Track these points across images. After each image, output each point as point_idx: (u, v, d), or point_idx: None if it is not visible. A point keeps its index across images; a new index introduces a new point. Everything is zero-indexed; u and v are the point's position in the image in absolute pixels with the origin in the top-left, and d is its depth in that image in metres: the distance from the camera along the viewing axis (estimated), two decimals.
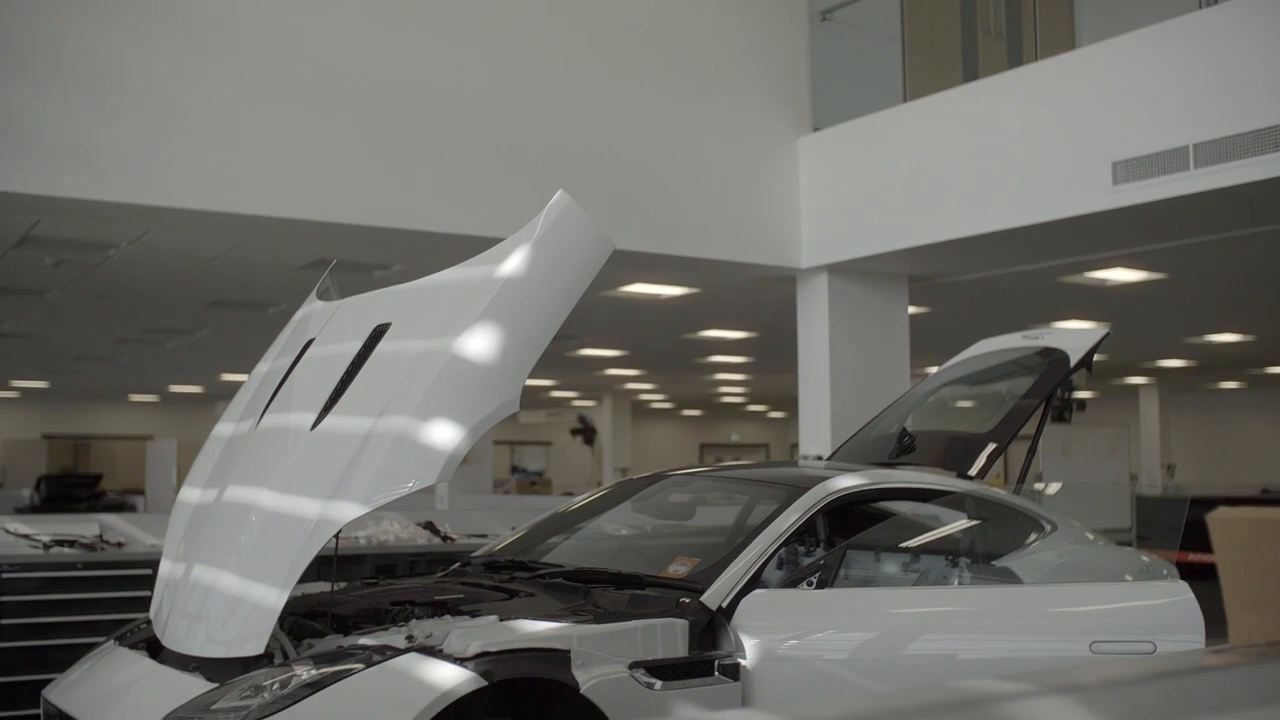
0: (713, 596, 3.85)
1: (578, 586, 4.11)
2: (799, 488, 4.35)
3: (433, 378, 3.68)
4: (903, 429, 5.43)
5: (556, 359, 16.41)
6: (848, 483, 4.43)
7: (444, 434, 3.60)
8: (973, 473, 5.00)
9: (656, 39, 7.89)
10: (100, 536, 6.80)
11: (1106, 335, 5.34)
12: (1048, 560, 4.51)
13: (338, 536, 3.71)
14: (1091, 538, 4.68)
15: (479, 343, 3.70)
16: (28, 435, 26.44)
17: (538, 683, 3.47)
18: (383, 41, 6.89)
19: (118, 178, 6.12)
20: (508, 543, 4.97)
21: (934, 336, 11.76)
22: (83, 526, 6.96)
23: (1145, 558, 4.45)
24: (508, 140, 7.16)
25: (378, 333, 4.03)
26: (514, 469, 29.46)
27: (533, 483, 24.84)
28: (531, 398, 24.06)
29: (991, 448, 5.05)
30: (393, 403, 3.72)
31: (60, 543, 6.48)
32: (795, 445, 11.58)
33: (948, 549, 4.49)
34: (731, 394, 25.21)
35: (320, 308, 4.53)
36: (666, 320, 12.48)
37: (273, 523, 3.77)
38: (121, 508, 17.51)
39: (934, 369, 6.05)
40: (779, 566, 4.27)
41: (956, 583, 4.32)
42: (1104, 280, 9.69)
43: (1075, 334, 5.47)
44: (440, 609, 3.94)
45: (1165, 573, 4.26)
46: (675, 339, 14.33)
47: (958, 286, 9.41)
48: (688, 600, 3.83)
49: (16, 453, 25.93)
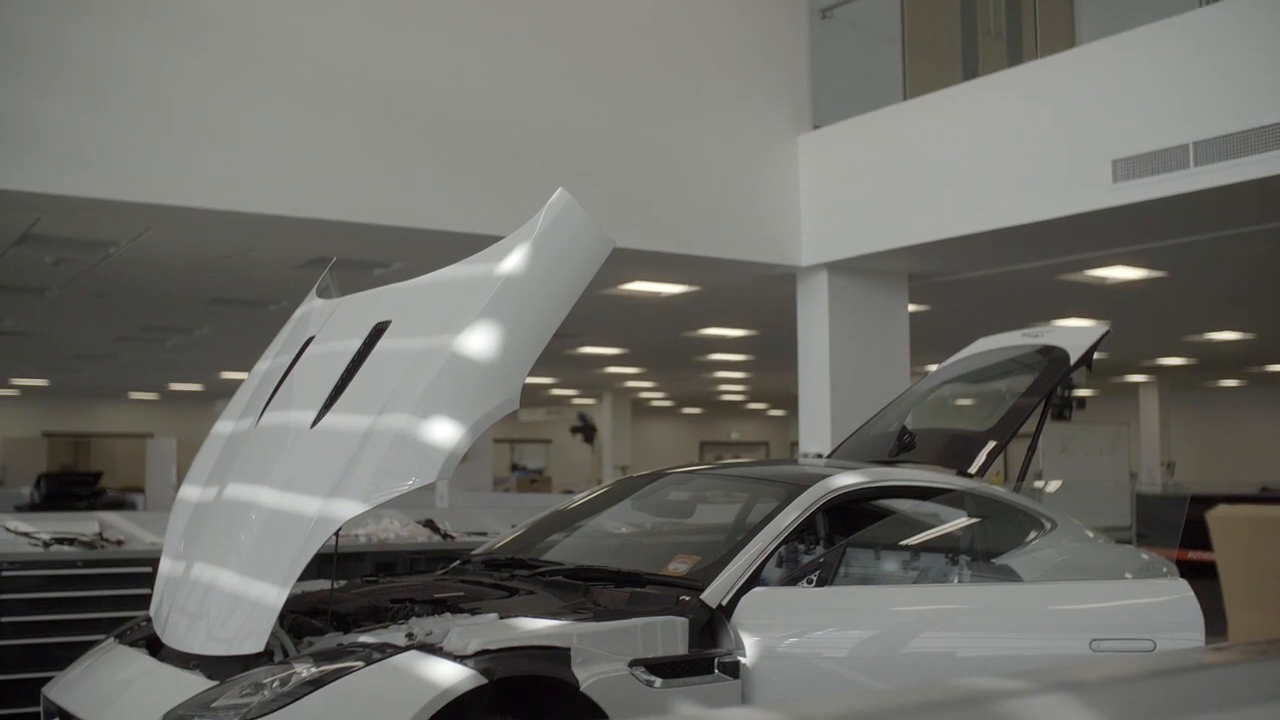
0: (713, 594, 3.85)
1: (578, 584, 4.12)
2: (799, 486, 4.35)
3: (433, 375, 3.68)
4: (903, 427, 5.43)
5: (556, 357, 16.41)
6: (847, 481, 4.43)
7: (444, 432, 3.59)
8: (973, 471, 5.00)
9: (656, 37, 7.88)
10: (100, 534, 6.80)
11: (1106, 333, 5.34)
12: (1047, 558, 4.51)
13: (338, 534, 3.71)
14: (1091, 535, 4.68)
15: (479, 341, 3.70)
16: (28, 433, 26.42)
17: (538, 680, 3.47)
18: (383, 41, 6.88)
19: (118, 176, 6.12)
20: (508, 541, 4.98)
21: (934, 334, 11.75)
22: (83, 524, 6.97)
23: (1145, 555, 4.44)
24: (508, 139, 7.15)
25: (378, 330, 4.03)
26: (514, 467, 29.43)
27: (533, 481, 24.81)
28: (531, 396, 24.05)
29: (991, 446, 5.06)
30: (393, 400, 3.72)
31: (60, 541, 6.48)
32: (795, 443, 11.57)
33: (947, 547, 4.49)
34: (731, 392, 25.20)
35: (320, 305, 4.52)
36: (666, 318, 12.48)
37: (273, 520, 3.77)
38: (121, 506, 17.47)
39: (934, 367, 6.05)
40: (779, 564, 4.27)
41: (956, 580, 4.32)
42: (1104, 278, 9.69)
43: (1075, 332, 5.46)
44: (440, 607, 3.94)
45: (1165, 570, 4.26)
46: (675, 337, 14.33)
47: (958, 284, 9.41)
48: (688, 598, 3.83)
49: (16, 451, 25.90)
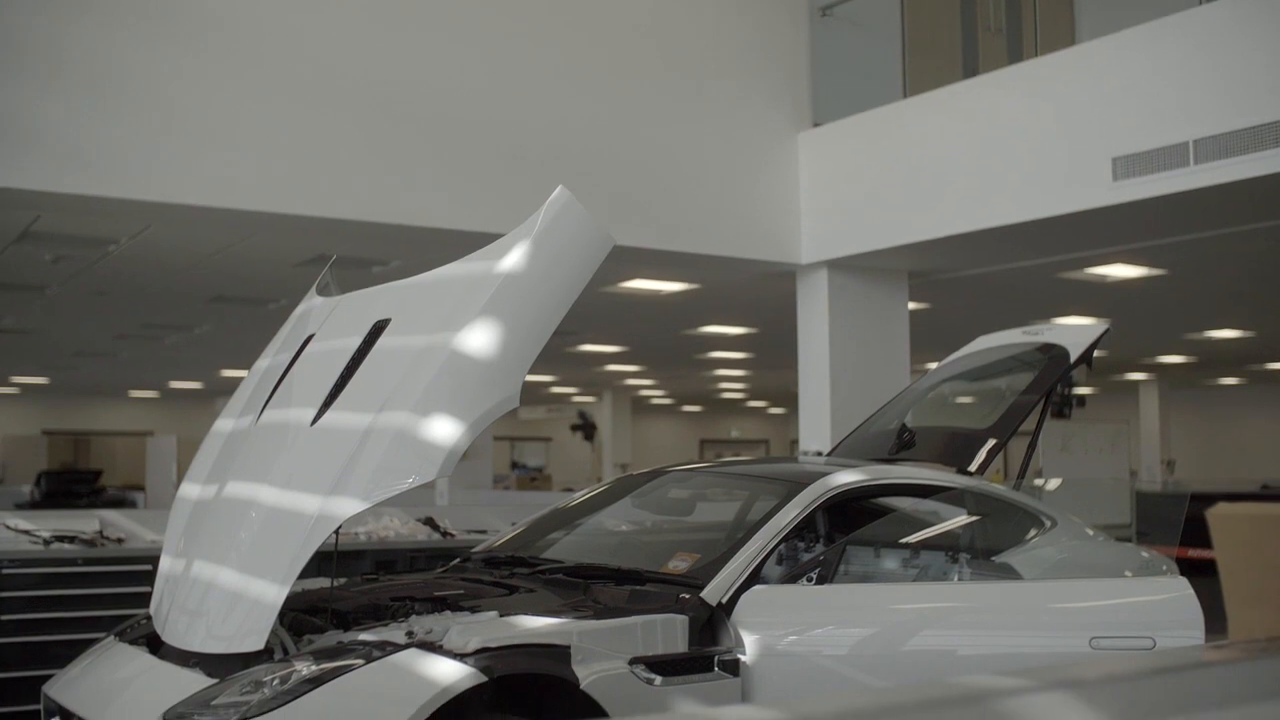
0: (713, 592, 3.85)
1: (578, 582, 4.12)
2: (799, 483, 4.35)
3: (433, 373, 3.67)
4: (903, 425, 5.43)
5: (556, 355, 16.41)
6: (847, 478, 4.43)
7: (444, 429, 3.59)
8: (973, 468, 5.00)
9: (656, 36, 7.88)
10: (100, 532, 6.81)
11: (1106, 331, 5.34)
12: (1047, 556, 4.51)
13: (338, 532, 3.71)
14: (1091, 533, 4.68)
15: (479, 338, 3.70)
16: (28, 431, 26.42)
17: (538, 678, 3.47)
18: (382, 40, 6.88)
19: (118, 175, 6.12)
20: (508, 538, 4.97)
21: (934, 332, 11.75)
22: (83, 522, 6.97)
23: (1145, 553, 4.44)
24: (508, 138, 7.15)
25: (378, 328, 4.03)
26: (514, 465, 29.42)
27: (533, 478, 24.80)
28: (531, 393, 24.05)
29: (991, 444, 5.05)
30: (393, 398, 3.71)
31: (60, 538, 6.49)
32: (795, 441, 11.58)
33: (947, 545, 4.49)
34: (731, 390, 25.20)
35: (320, 303, 4.52)
36: (667, 316, 12.47)
37: (273, 518, 3.77)
38: (121, 503, 17.47)
39: (934, 365, 6.05)
40: (779, 562, 4.27)
41: (956, 578, 4.32)
42: (1104, 276, 9.69)
43: (1075, 330, 5.46)
44: (440, 605, 3.94)
45: (1165, 568, 4.26)
46: (675, 335, 14.32)
47: (958, 282, 9.40)
48: (688, 596, 3.83)
49: (16, 449, 25.90)
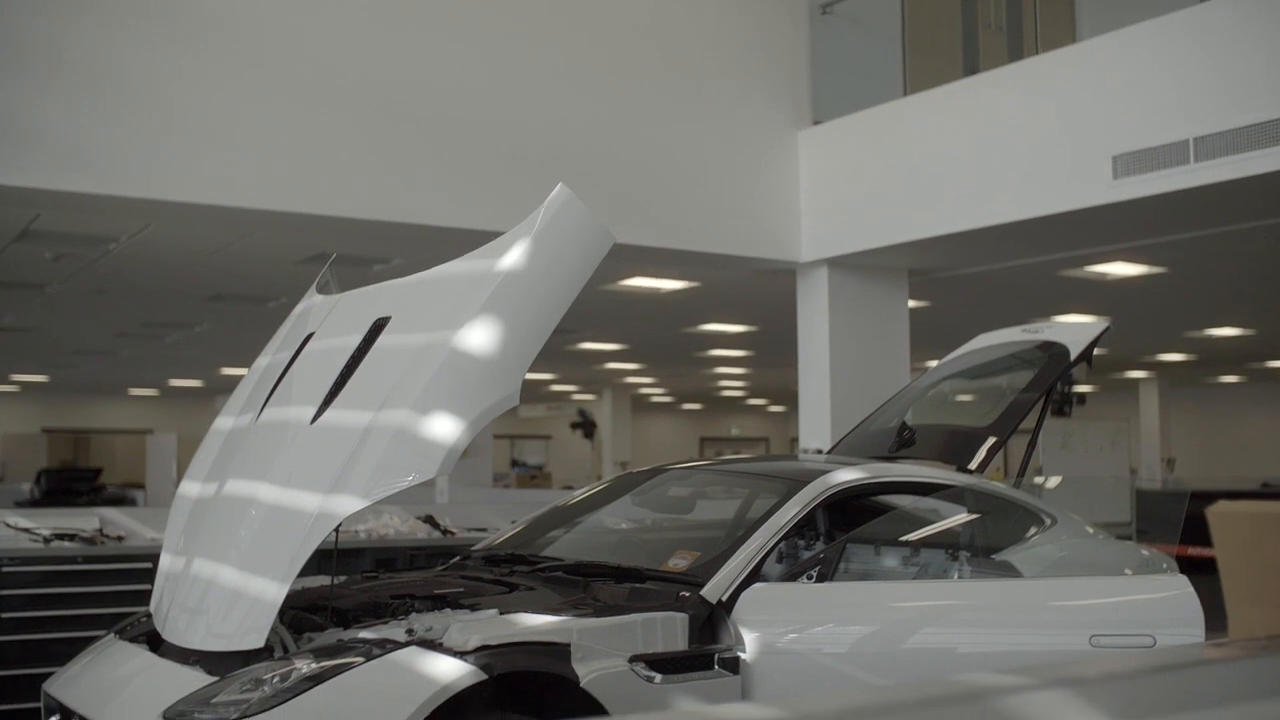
0: (713, 590, 3.85)
1: (578, 580, 4.12)
2: (799, 481, 4.35)
3: (433, 371, 3.67)
4: (903, 423, 5.43)
5: (556, 353, 16.41)
6: (847, 476, 4.43)
7: (444, 427, 3.59)
8: (973, 466, 4.99)
9: (656, 35, 7.87)
10: (100, 530, 6.81)
11: (1106, 329, 5.34)
12: (1047, 554, 4.51)
13: (338, 530, 3.71)
14: (1091, 531, 4.68)
15: (479, 336, 3.70)
16: (27, 429, 26.42)
17: (538, 676, 3.48)
18: (383, 39, 6.88)
19: (118, 173, 6.12)
20: (507, 536, 4.98)
21: (934, 330, 11.75)
22: (83, 520, 6.98)
23: (1145, 551, 4.44)
24: (508, 137, 7.15)
25: (377, 326, 4.03)
26: (514, 463, 29.45)
27: (533, 476, 24.81)
28: (531, 391, 24.05)
29: (991, 442, 5.05)
30: (392, 396, 3.71)
31: (60, 536, 6.49)
32: (795, 439, 11.58)
33: (948, 543, 4.49)
34: (731, 388, 25.20)
35: (320, 302, 4.52)
36: (666, 314, 12.47)
37: (273, 516, 3.77)
38: (121, 501, 17.48)
39: (934, 363, 6.05)
40: (779, 560, 4.27)
41: (956, 576, 4.32)
42: (1104, 274, 9.69)
43: (1075, 328, 5.46)
44: (440, 603, 3.94)
45: (1165, 566, 4.26)
46: (675, 333, 14.33)
47: (958, 280, 9.40)
48: (688, 594, 3.83)
49: (16, 447, 25.91)
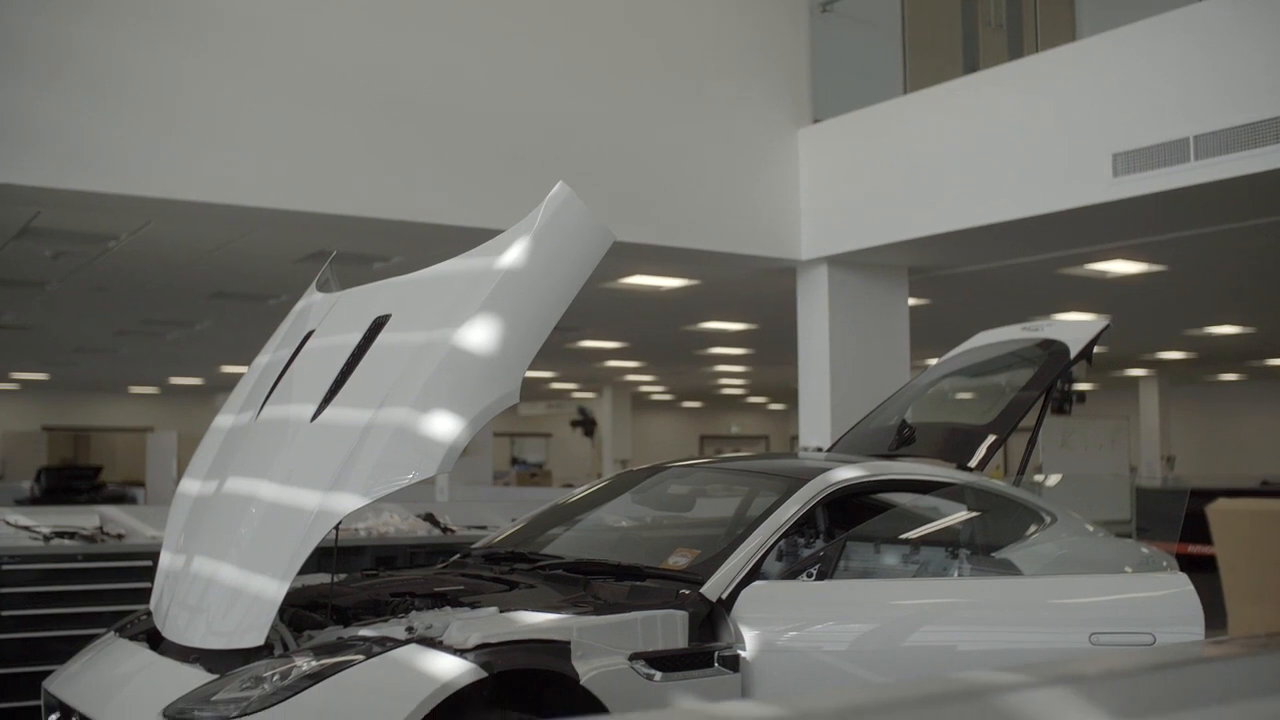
0: (713, 588, 3.85)
1: (578, 578, 4.12)
2: (799, 479, 4.35)
3: (433, 369, 3.67)
4: (903, 421, 5.43)
5: (557, 351, 16.41)
6: (847, 474, 4.43)
7: (444, 425, 3.59)
8: (973, 464, 5.00)
9: (656, 33, 7.87)
10: (100, 528, 6.81)
11: (1106, 327, 5.34)
12: (1047, 552, 4.51)
13: (338, 528, 3.71)
14: (1091, 529, 4.68)
15: (479, 334, 3.70)
16: (28, 427, 26.42)
17: (538, 674, 3.48)
18: (383, 38, 6.88)
19: (118, 171, 6.12)
20: (508, 534, 4.98)
21: (934, 328, 11.75)
22: (83, 518, 6.97)
23: (1145, 549, 4.45)
24: (508, 135, 7.15)
25: (378, 324, 4.03)
26: (514, 461, 29.45)
27: (533, 474, 24.83)
28: (531, 389, 24.05)
29: (991, 439, 5.05)
30: (393, 394, 3.72)
31: (60, 534, 6.49)
32: (795, 437, 11.59)
33: (947, 541, 4.49)
34: (731, 386, 25.20)
35: (320, 299, 4.52)
36: (667, 312, 12.47)
37: (273, 514, 3.77)
38: (121, 499, 17.46)
39: (934, 361, 6.05)
40: (779, 558, 4.28)
41: (956, 574, 4.33)
42: (1104, 272, 9.69)
43: (1075, 326, 5.46)
44: (440, 600, 3.94)
45: (1165, 564, 4.26)
46: (675, 331, 14.32)
47: (958, 278, 9.40)
48: (688, 592, 3.83)
49: (16, 445, 25.91)
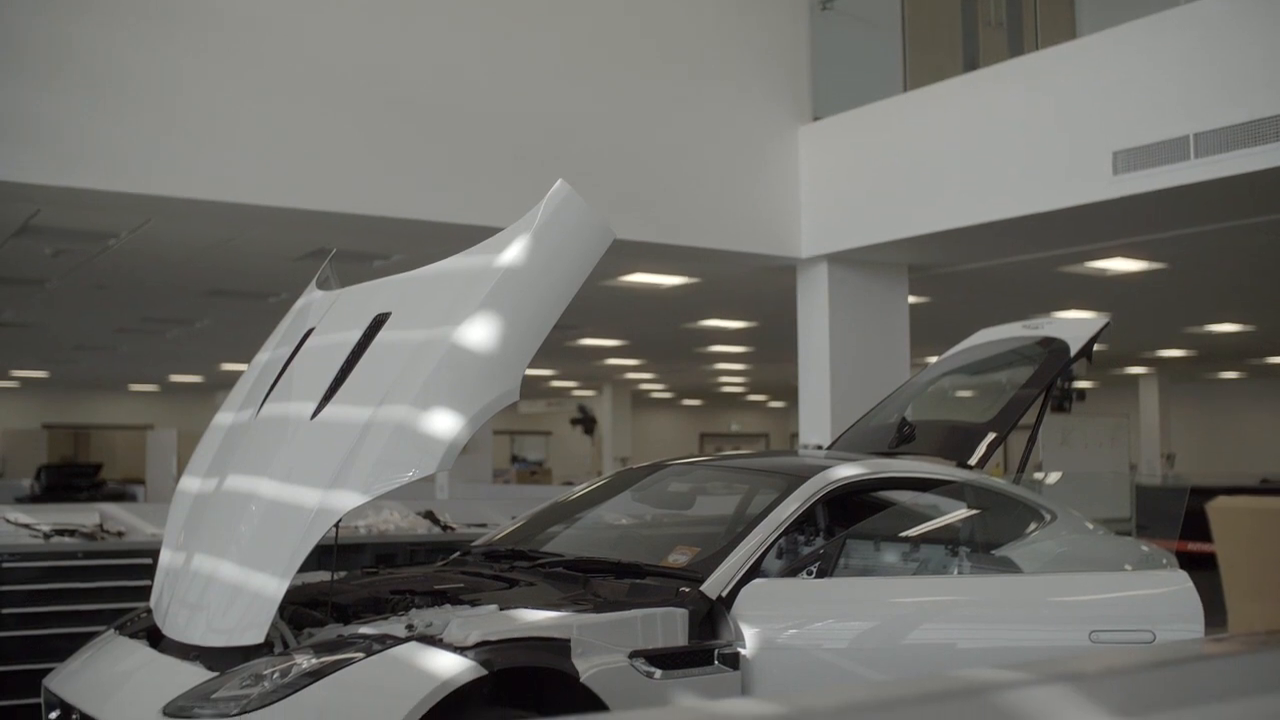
0: (712, 586, 3.85)
1: (577, 576, 4.12)
2: (799, 477, 4.35)
3: (432, 367, 3.68)
4: (903, 418, 5.43)
5: (556, 348, 16.41)
6: (847, 472, 4.43)
7: (444, 423, 3.60)
8: (973, 462, 4.99)
9: (657, 31, 7.87)
10: (100, 526, 6.81)
11: (1106, 325, 5.34)
12: (1047, 549, 4.51)
13: (338, 525, 3.71)
14: (1091, 527, 4.68)
15: (479, 332, 3.70)
16: (28, 425, 26.43)
17: (538, 671, 3.48)
18: (383, 37, 6.88)
19: (118, 169, 6.12)
20: (508, 532, 4.98)
21: (934, 326, 11.75)
22: (83, 516, 6.97)
23: (1145, 547, 4.45)
24: (508, 133, 7.15)
25: (377, 322, 4.03)
26: (514, 458, 29.45)
27: (533, 472, 24.84)
28: (531, 387, 24.06)
29: (991, 437, 5.05)
30: (393, 392, 3.72)
31: (60, 532, 6.49)
32: (795, 435, 11.58)
33: (947, 538, 4.49)
34: (731, 383, 25.20)
35: (320, 297, 4.52)
36: (666, 310, 12.47)
37: (273, 512, 3.77)
38: (122, 497, 17.48)
39: (934, 358, 6.05)
40: (779, 556, 4.28)
41: (956, 572, 4.33)
42: (1104, 270, 9.69)
43: (1075, 324, 5.46)
44: (440, 598, 3.94)
45: (1165, 562, 4.26)
46: (675, 329, 14.32)
47: (958, 276, 9.40)
48: (687, 589, 3.83)
49: (16, 442, 25.91)
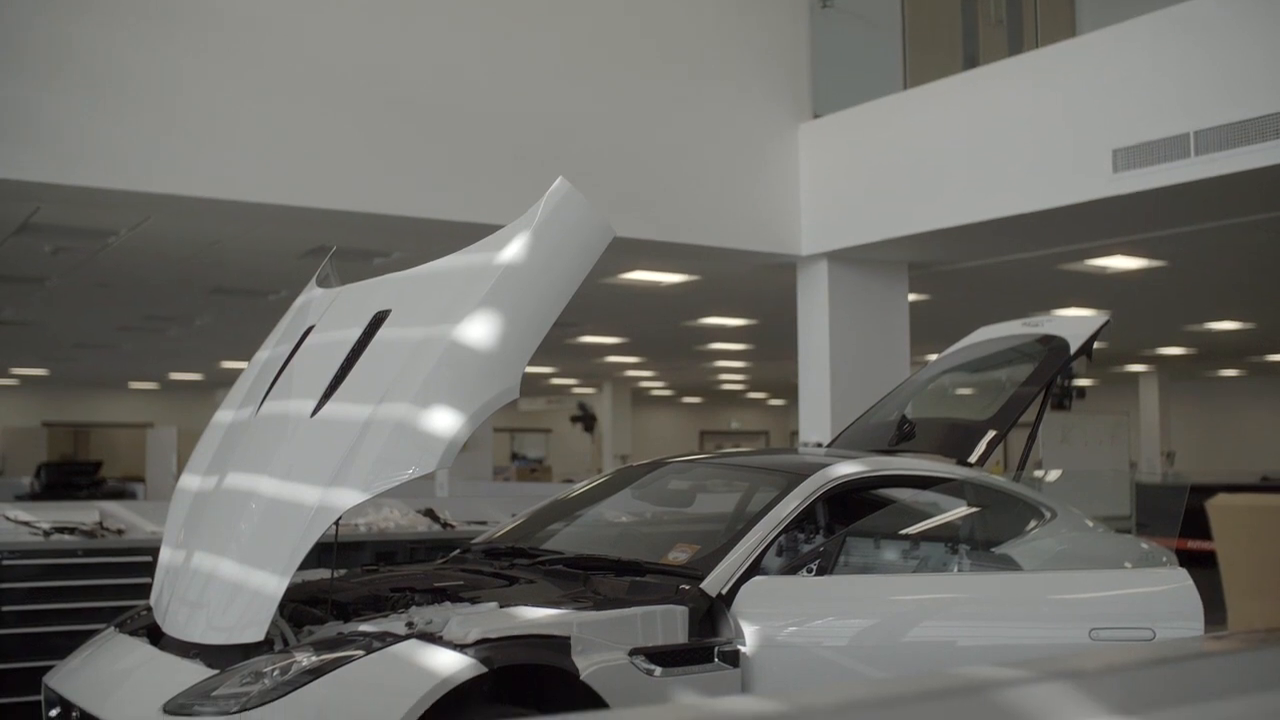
0: (713, 583, 3.86)
1: (578, 573, 4.12)
2: (799, 475, 4.35)
3: (432, 364, 3.68)
4: (903, 416, 5.43)
5: (556, 346, 16.40)
6: (847, 470, 4.43)
7: (444, 421, 3.60)
8: (973, 460, 4.99)
9: (657, 29, 7.87)
10: (100, 524, 6.81)
11: (1106, 323, 5.33)
12: (1047, 547, 4.51)
13: (338, 523, 3.72)
14: (1091, 525, 4.68)
15: (479, 329, 3.70)
16: (28, 423, 26.43)
17: (538, 669, 3.48)
18: (383, 36, 6.88)
19: (118, 167, 6.12)
20: (508, 530, 4.98)
21: (934, 324, 11.75)
22: (83, 513, 6.97)
23: (1145, 545, 4.45)
24: (508, 131, 7.15)
25: (377, 320, 4.03)
26: (514, 456, 29.46)
27: (533, 470, 24.85)
28: (531, 385, 24.05)
29: (991, 435, 5.05)
30: (393, 389, 3.72)
31: (60, 530, 6.49)
32: (795, 432, 11.59)
33: (947, 536, 4.49)
34: (731, 381, 25.20)
35: (320, 295, 4.52)
36: (667, 307, 12.47)
37: (273, 510, 3.77)
38: (122, 495, 17.49)
39: (934, 356, 6.05)
40: (779, 553, 4.28)
41: (956, 570, 4.33)
42: (1104, 268, 9.69)
43: (1075, 321, 5.46)
44: (440, 596, 3.94)
45: (1164, 560, 4.26)
46: (675, 326, 14.32)
47: (958, 274, 9.40)
48: (687, 587, 3.83)
49: (17, 440, 25.93)
